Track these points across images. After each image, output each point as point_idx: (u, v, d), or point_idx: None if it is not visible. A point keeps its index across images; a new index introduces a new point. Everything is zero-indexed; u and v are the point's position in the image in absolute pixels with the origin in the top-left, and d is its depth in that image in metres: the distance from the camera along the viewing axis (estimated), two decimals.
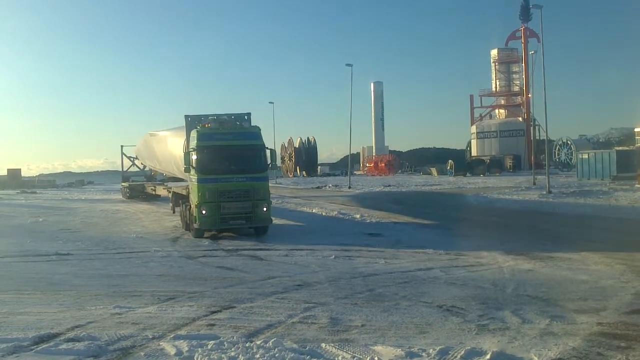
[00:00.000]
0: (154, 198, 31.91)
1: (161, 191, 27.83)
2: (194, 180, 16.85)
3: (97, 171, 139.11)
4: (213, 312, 8.03)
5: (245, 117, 18.25)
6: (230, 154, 16.78)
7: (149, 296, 9.13)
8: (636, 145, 52.48)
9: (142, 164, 37.10)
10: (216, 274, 11.24)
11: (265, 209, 16.67)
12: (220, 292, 9.45)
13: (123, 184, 38.95)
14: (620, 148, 48.85)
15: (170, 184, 27.87)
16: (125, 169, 40.24)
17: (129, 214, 26.75)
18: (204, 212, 16.23)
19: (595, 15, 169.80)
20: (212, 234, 17.00)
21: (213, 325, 7.41)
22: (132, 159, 39.17)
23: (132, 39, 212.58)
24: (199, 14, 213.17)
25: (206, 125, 17.29)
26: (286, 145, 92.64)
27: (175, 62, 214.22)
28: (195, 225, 16.56)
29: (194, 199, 16.79)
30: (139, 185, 35.59)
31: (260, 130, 17.58)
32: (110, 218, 24.71)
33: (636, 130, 58.89)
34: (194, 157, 16.64)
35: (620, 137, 69.31)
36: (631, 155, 42.26)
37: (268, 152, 17.46)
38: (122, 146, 39.83)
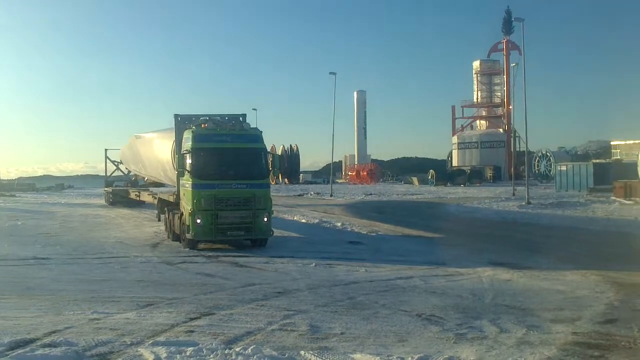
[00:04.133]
0: (137, 204, 31.32)
1: (146, 197, 26.41)
2: (187, 185, 15.53)
3: (78, 175, 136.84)
4: (192, 319, 7.99)
5: (240, 118, 17.32)
6: (229, 157, 15.61)
7: (128, 302, 9.07)
8: (612, 158, 53.57)
9: (126, 168, 36.63)
10: (196, 281, 11.18)
11: (266, 219, 15.41)
12: (200, 298, 9.41)
13: (106, 189, 38.42)
14: (597, 161, 49.82)
15: (153, 190, 27.42)
16: (108, 174, 39.83)
17: (109, 219, 26.52)
18: (198, 221, 14.90)
19: (575, 30, 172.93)
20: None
21: (192, 331, 7.39)
22: (116, 163, 38.65)
23: (117, 39, 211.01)
24: (185, 20, 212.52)
25: (202, 126, 16.02)
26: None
27: (160, 65, 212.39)
28: (189, 236, 15.27)
29: (187, 207, 15.41)
30: (123, 190, 35.09)
31: (261, 132, 16.38)
32: (90, 223, 24.47)
33: (612, 143, 60.18)
34: (188, 160, 15.41)
35: (598, 149, 70.83)
36: (607, 168, 43.07)
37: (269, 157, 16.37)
38: (106, 150, 39.48)
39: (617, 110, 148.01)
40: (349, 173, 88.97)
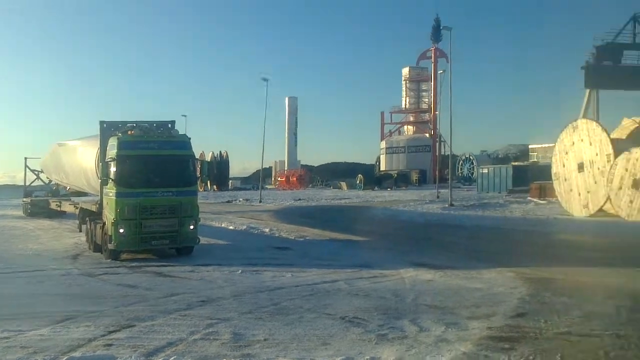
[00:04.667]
0: (57, 215, 30.04)
1: (67, 207, 25.48)
2: (111, 194, 15.04)
3: None
4: (111, 332, 7.75)
5: (169, 125, 16.94)
6: (155, 165, 15.24)
7: (43, 317, 8.64)
8: (530, 160, 56.47)
9: (47, 177, 35.18)
10: (117, 292, 10.83)
11: (192, 227, 15.26)
12: (121, 310, 9.14)
13: (24, 199, 36.72)
14: (516, 163, 52.33)
15: (75, 199, 26.36)
16: (28, 183, 38.19)
17: (26, 230, 25.21)
18: (121, 230, 14.55)
19: (498, 41, 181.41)
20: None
21: (110, 345, 7.16)
22: (36, 173, 37.16)
23: (37, 44, 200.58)
24: (109, 26, 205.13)
25: (129, 132, 15.60)
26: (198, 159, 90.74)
27: (85, 72, 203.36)
28: (111, 246, 14.84)
29: (109, 216, 14.99)
30: (43, 200, 33.58)
31: (189, 139, 16.14)
32: (4, 235, 23.14)
33: (530, 147, 63.47)
34: (112, 168, 14.95)
35: (517, 153, 74.27)
36: (525, 170, 45.35)
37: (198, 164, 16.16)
38: (25, 158, 37.87)
39: (534, 116, 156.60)
40: (279, 179, 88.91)
